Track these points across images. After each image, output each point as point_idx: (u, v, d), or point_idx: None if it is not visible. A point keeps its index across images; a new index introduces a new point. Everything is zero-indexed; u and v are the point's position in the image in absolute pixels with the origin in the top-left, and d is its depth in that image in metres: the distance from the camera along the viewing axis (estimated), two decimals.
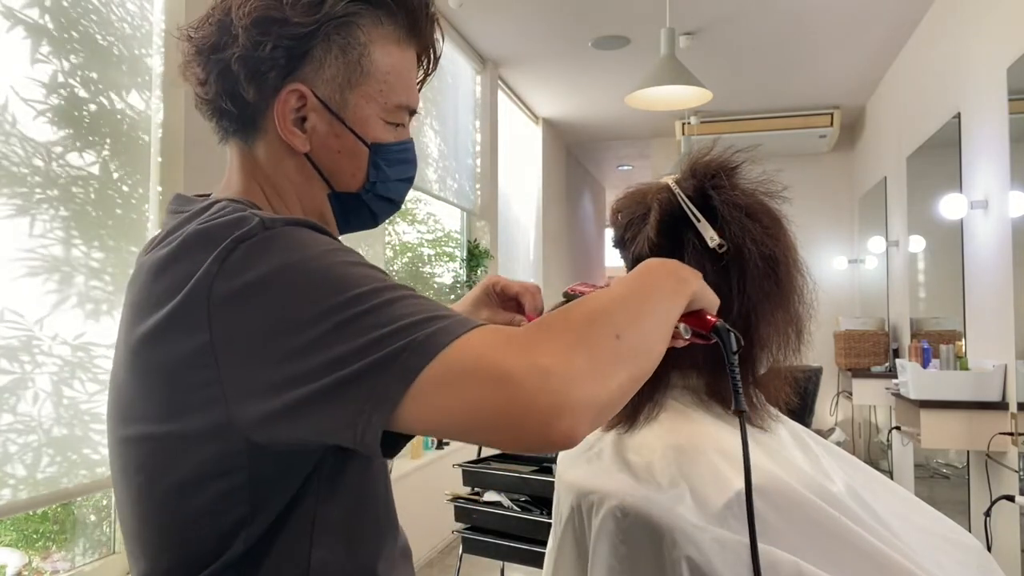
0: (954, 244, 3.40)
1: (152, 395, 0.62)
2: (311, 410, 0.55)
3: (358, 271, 0.59)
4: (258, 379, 0.57)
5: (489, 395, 0.51)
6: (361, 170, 0.74)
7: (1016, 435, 2.73)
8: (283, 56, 0.68)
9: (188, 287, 0.58)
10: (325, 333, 0.55)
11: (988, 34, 3.09)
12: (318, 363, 0.54)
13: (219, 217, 0.62)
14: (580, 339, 0.55)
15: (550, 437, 0.51)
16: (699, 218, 0.85)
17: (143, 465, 0.65)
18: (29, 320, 1.64)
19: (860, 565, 0.75)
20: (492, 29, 4.19)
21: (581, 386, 0.52)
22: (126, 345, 0.64)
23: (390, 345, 0.53)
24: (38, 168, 1.68)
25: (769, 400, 0.90)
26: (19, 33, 1.66)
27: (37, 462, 1.65)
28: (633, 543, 0.75)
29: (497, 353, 0.52)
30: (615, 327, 0.57)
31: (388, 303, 0.56)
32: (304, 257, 0.58)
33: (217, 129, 0.75)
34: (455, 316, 0.56)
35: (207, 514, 0.63)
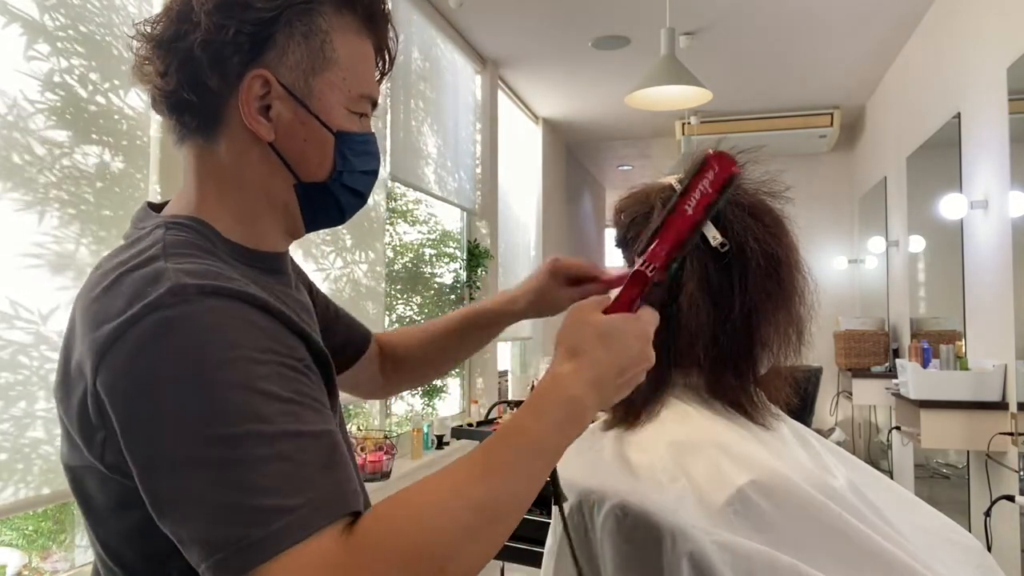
0: (954, 244, 3.40)
1: (64, 429, 0.66)
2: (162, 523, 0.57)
3: (248, 399, 0.55)
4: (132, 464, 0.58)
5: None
6: (327, 159, 0.73)
7: (1016, 435, 2.73)
8: (246, 41, 0.67)
9: (94, 340, 0.59)
10: (185, 461, 0.54)
11: (988, 34, 3.09)
12: (172, 491, 0.55)
13: (139, 266, 0.62)
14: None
15: None
16: None
17: (79, 490, 0.68)
18: (36, 316, 1.64)
19: (863, 561, 0.75)
20: (492, 29, 4.19)
21: None
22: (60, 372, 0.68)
23: (227, 525, 0.52)
24: (43, 166, 1.68)
25: (770, 399, 0.90)
26: (20, 32, 1.66)
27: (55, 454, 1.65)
28: (635, 542, 0.76)
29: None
30: (443, 559, 0.55)
31: (255, 462, 0.53)
32: (203, 360, 0.55)
33: (176, 128, 0.72)
34: (298, 510, 0.53)
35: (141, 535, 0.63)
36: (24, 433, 1.63)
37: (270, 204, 0.73)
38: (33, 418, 1.66)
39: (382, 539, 0.54)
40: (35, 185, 1.67)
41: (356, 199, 0.77)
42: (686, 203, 0.70)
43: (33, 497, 1.65)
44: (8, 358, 1.61)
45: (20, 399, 1.63)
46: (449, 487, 0.58)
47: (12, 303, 1.62)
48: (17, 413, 1.62)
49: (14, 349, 1.62)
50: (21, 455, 1.63)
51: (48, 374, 1.69)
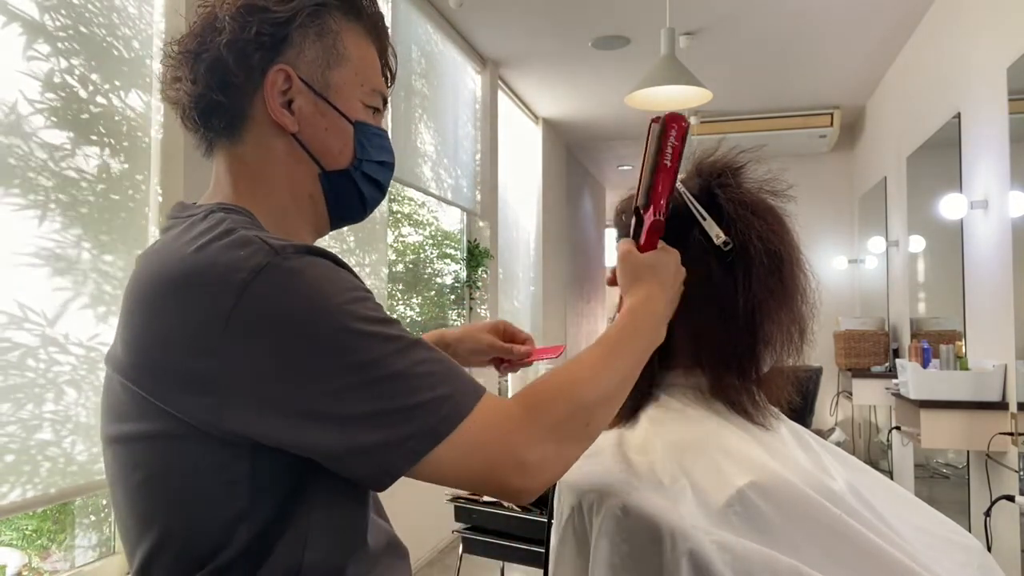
0: (954, 244, 3.40)
1: (145, 404, 0.65)
2: (327, 459, 0.63)
3: (374, 329, 0.63)
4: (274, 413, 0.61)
5: (478, 474, 0.65)
6: (348, 147, 0.78)
7: (1016, 435, 2.73)
8: (267, 39, 0.73)
9: (201, 314, 0.61)
10: (345, 388, 0.61)
11: (988, 34, 3.09)
12: (339, 417, 0.61)
13: (220, 236, 0.65)
14: (555, 434, 0.68)
15: (517, 501, 0.67)
16: (705, 216, 0.85)
17: (141, 462, 0.67)
18: (41, 319, 1.64)
19: (861, 563, 0.75)
20: (492, 29, 4.19)
21: (549, 475, 0.68)
22: (129, 355, 0.66)
23: (400, 425, 0.62)
24: (43, 168, 1.67)
25: (771, 399, 0.90)
26: (20, 32, 1.66)
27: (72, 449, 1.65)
28: (634, 542, 0.75)
29: (511, 438, 0.66)
30: (588, 417, 0.71)
31: (403, 372, 0.63)
32: (325, 304, 0.62)
33: (204, 136, 0.78)
34: (457, 391, 0.65)
35: (206, 506, 0.65)
36: (32, 435, 1.63)
37: (295, 197, 0.78)
38: (41, 420, 1.66)
39: (541, 403, 0.69)
40: (37, 187, 1.67)
41: (376, 191, 0.82)
42: (664, 159, 0.85)
43: (38, 496, 1.65)
44: (16, 360, 1.61)
45: (27, 401, 1.63)
46: (588, 367, 0.74)
47: (21, 306, 1.62)
48: (24, 416, 1.62)
49: (22, 352, 1.62)
50: (28, 456, 1.63)
51: (56, 376, 1.69)
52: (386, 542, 0.77)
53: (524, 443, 0.66)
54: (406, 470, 0.63)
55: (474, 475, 0.65)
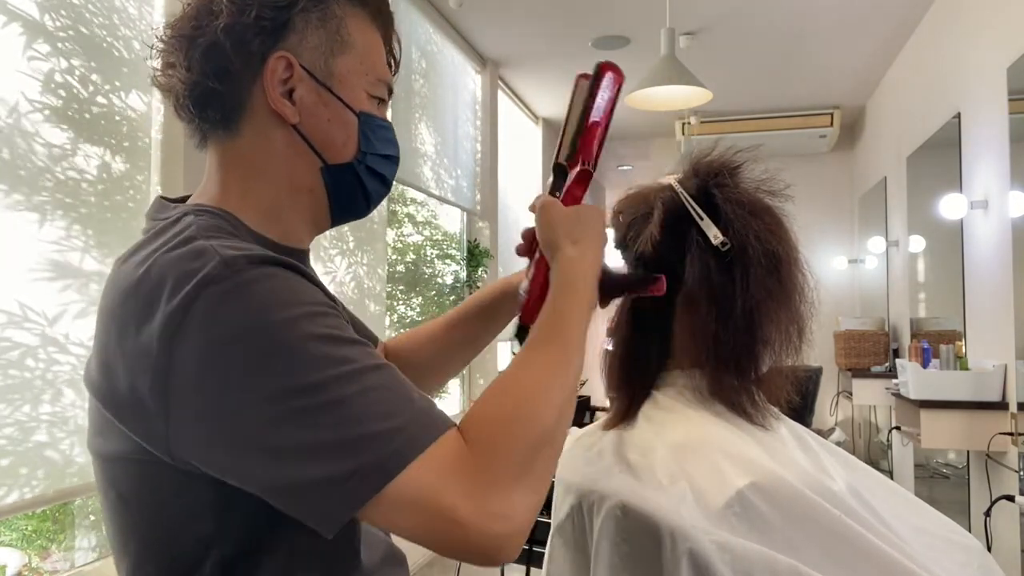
0: (954, 244, 3.40)
1: (106, 418, 0.63)
2: (261, 491, 0.57)
3: (323, 349, 0.57)
4: (209, 446, 0.57)
5: (435, 531, 0.56)
6: (352, 139, 0.74)
7: (1016, 435, 2.73)
8: (268, 24, 0.69)
9: (147, 334, 0.58)
10: (282, 417, 0.55)
11: (988, 34, 3.09)
12: (272, 449, 0.55)
13: (176, 246, 0.62)
14: (523, 472, 0.59)
15: (491, 563, 0.57)
16: (702, 216, 0.85)
17: (115, 479, 0.66)
18: (42, 319, 1.64)
19: (861, 564, 0.75)
20: (492, 29, 4.19)
21: (519, 522, 0.57)
22: (90, 366, 0.65)
23: (342, 460, 0.54)
24: (45, 168, 1.67)
25: (770, 399, 0.90)
26: (20, 32, 1.66)
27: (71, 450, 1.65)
28: (634, 542, 0.75)
29: (447, 488, 0.55)
30: (555, 446, 0.63)
31: (352, 398, 0.56)
32: (268, 323, 0.56)
33: (199, 127, 0.73)
34: (409, 425, 0.57)
35: (177, 528, 0.63)
36: (29, 437, 1.63)
37: (294, 191, 0.73)
38: (38, 421, 1.66)
39: (500, 443, 0.59)
40: (37, 187, 1.67)
41: (380, 186, 0.78)
42: (590, 112, 0.82)
43: (35, 497, 1.65)
44: (17, 359, 1.61)
45: (24, 404, 1.63)
46: (538, 375, 0.65)
47: (21, 305, 1.62)
48: (22, 417, 1.62)
49: (21, 351, 1.62)
50: (26, 459, 1.63)
51: (55, 377, 1.69)
52: (382, 554, 0.75)
53: (490, 487, 0.56)
54: (348, 515, 0.55)
55: (432, 526, 0.55)
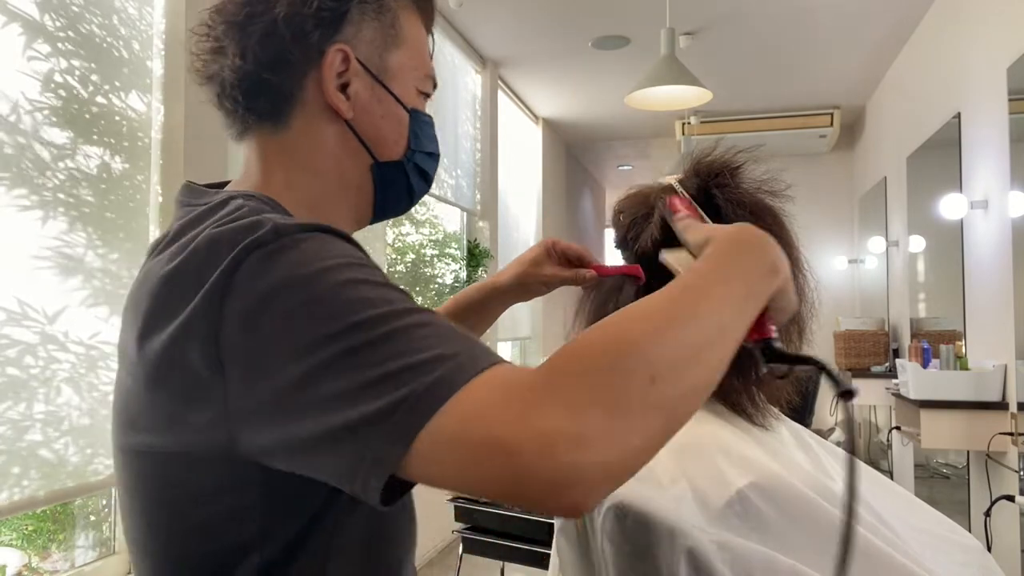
0: (954, 244, 3.40)
1: (157, 407, 0.59)
2: (306, 451, 0.51)
3: (364, 292, 0.53)
4: (257, 407, 0.53)
5: (486, 468, 0.45)
6: (403, 136, 0.72)
7: (1016, 435, 2.73)
8: (328, 13, 0.67)
9: (196, 300, 0.55)
10: (321, 365, 0.50)
11: (988, 34, 3.09)
12: (316, 398, 0.50)
13: (234, 220, 0.58)
14: (598, 389, 0.46)
15: (556, 508, 0.46)
16: (703, 216, 0.85)
17: (149, 476, 0.62)
18: (41, 316, 1.64)
19: (861, 564, 0.75)
20: (492, 29, 4.19)
21: (593, 453, 0.45)
22: (136, 354, 0.60)
23: (387, 393, 0.48)
24: (45, 168, 1.68)
25: (770, 400, 0.90)
26: (20, 32, 1.66)
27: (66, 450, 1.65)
28: (634, 541, 0.75)
29: (496, 415, 0.46)
30: (651, 366, 0.48)
31: (391, 335, 0.50)
32: (309, 273, 0.54)
33: (243, 117, 0.70)
34: (460, 354, 0.49)
35: (215, 530, 0.60)
36: (22, 436, 1.63)
37: (342, 187, 0.72)
38: (32, 420, 1.66)
39: (570, 355, 0.48)
40: (38, 187, 1.67)
41: (423, 183, 0.77)
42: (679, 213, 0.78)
43: (36, 496, 1.65)
44: (16, 356, 1.61)
45: (20, 403, 1.63)
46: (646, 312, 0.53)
47: (20, 303, 1.62)
48: (15, 416, 1.62)
49: (20, 348, 1.62)
50: (19, 458, 1.63)
51: (54, 375, 1.69)
52: (410, 566, 0.73)
53: (549, 405, 0.45)
54: (398, 454, 0.47)
55: (483, 466, 0.45)
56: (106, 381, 1.82)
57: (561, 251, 0.96)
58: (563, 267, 0.96)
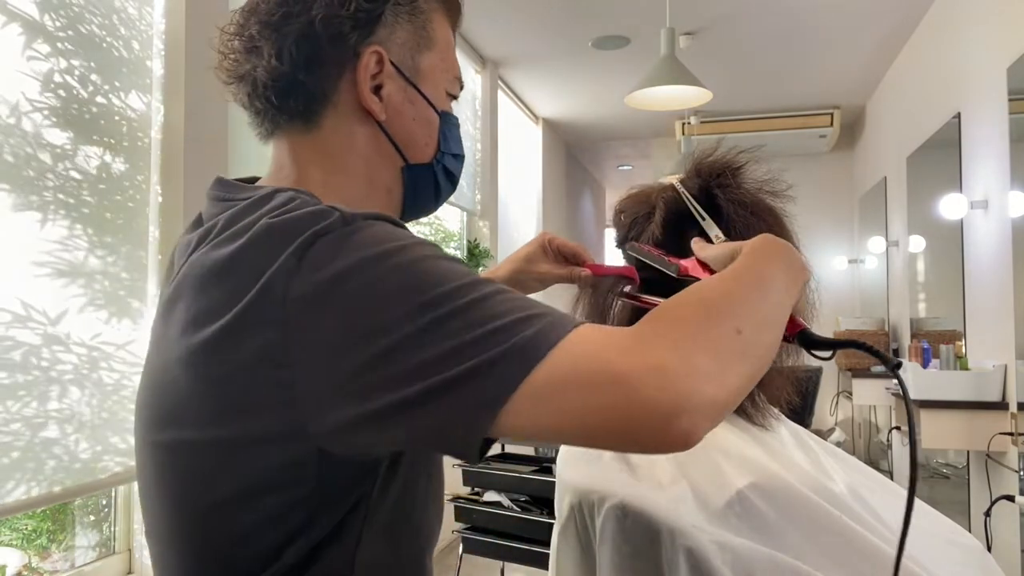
0: (954, 244, 3.40)
1: (211, 399, 0.58)
2: (402, 416, 0.51)
3: (444, 266, 0.55)
4: (339, 384, 0.53)
5: (601, 398, 0.48)
6: (433, 139, 0.73)
7: (1016, 435, 2.73)
8: (364, 14, 0.67)
9: (260, 284, 0.54)
10: (415, 334, 0.51)
11: (988, 34, 3.09)
12: (410, 366, 0.51)
13: (293, 210, 0.58)
14: (699, 333, 0.51)
15: (667, 439, 0.48)
16: (704, 216, 0.85)
17: (188, 473, 0.60)
18: (43, 318, 1.64)
19: (861, 564, 0.75)
20: (492, 29, 4.19)
21: (701, 385, 0.48)
22: (180, 347, 0.59)
23: (489, 349, 0.50)
24: (45, 168, 1.68)
25: (770, 400, 0.90)
26: (20, 32, 1.66)
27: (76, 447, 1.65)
28: (634, 541, 0.76)
29: (607, 352, 0.49)
30: (736, 319, 0.53)
31: (480, 301, 0.52)
32: (385, 251, 0.55)
33: (275, 116, 0.69)
34: (551, 313, 0.53)
35: (260, 527, 0.59)
36: (37, 433, 1.64)
37: (372, 189, 0.72)
38: (47, 417, 1.66)
39: (664, 310, 0.54)
40: (38, 188, 1.67)
41: (450, 185, 0.77)
42: None
43: (42, 495, 1.65)
44: (20, 359, 1.61)
45: (32, 400, 1.64)
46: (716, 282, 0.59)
47: (24, 305, 1.63)
48: (29, 413, 1.63)
49: (25, 350, 1.62)
50: (32, 454, 1.63)
51: (61, 375, 1.70)
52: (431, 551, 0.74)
53: (657, 345, 0.49)
54: (502, 401, 0.49)
55: (600, 399, 0.48)
56: (108, 382, 1.82)
57: (557, 248, 0.95)
58: (559, 264, 0.96)
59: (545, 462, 2.73)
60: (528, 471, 2.62)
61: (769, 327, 0.57)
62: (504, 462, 2.81)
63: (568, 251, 0.95)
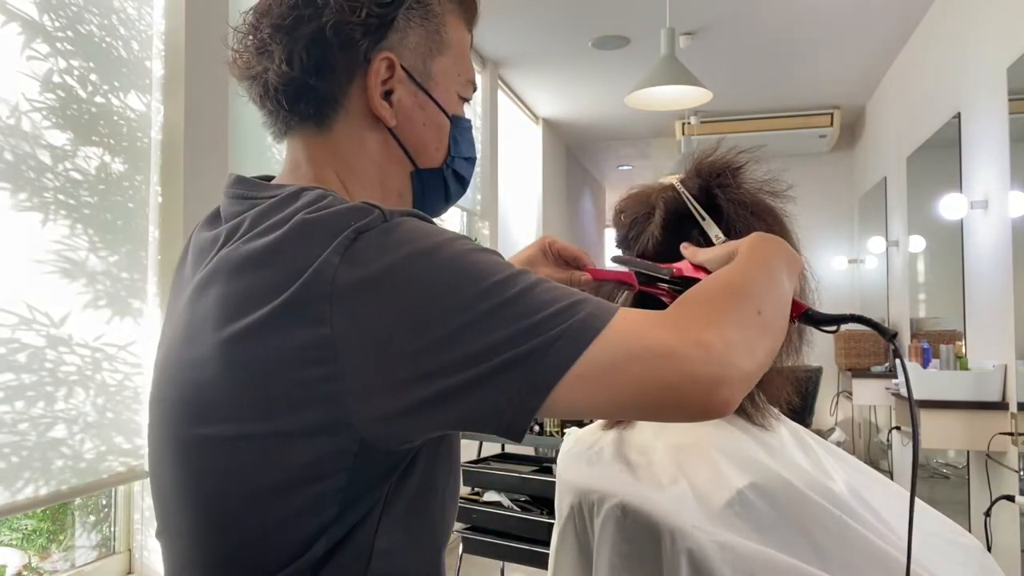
0: (954, 244, 3.40)
1: (249, 393, 0.58)
2: (456, 400, 0.54)
3: (488, 258, 0.58)
4: (392, 374, 0.55)
5: (655, 371, 0.53)
6: (443, 144, 0.73)
7: (1016, 435, 2.73)
8: (375, 22, 0.67)
9: (303, 279, 0.55)
10: (470, 323, 0.54)
11: (988, 34, 3.09)
12: (465, 353, 0.54)
13: (329, 207, 0.59)
14: (729, 314, 0.58)
15: (710, 406, 0.54)
16: (704, 216, 0.85)
17: (224, 468, 0.60)
18: (47, 320, 1.64)
19: (862, 564, 0.75)
20: (492, 29, 4.19)
21: (737, 358, 0.55)
22: (215, 340, 0.59)
23: (543, 333, 0.54)
24: (45, 169, 1.67)
25: (770, 400, 0.90)
26: (19, 31, 1.66)
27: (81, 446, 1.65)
28: (634, 542, 0.76)
29: (656, 331, 0.55)
30: (756, 302, 0.61)
31: (528, 290, 0.56)
32: (431, 245, 0.57)
33: (288, 117, 0.70)
34: (593, 299, 0.57)
35: (292, 520, 0.59)
36: (44, 433, 1.64)
37: (384, 193, 0.72)
38: (55, 418, 1.67)
39: (694, 296, 0.61)
40: (38, 188, 1.67)
41: (460, 187, 0.77)
42: None
43: (51, 493, 1.65)
44: (26, 360, 1.61)
45: (39, 400, 1.64)
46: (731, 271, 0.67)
47: (29, 307, 1.63)
48: (36, 413, 1.63)
49: (31, 352, 1.63)
50: (39, 454, 1.64)
51: (68, 376, 1.70)
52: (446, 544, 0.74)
53: (697, 324, 0.56)
54: (556, 382, 0.53)
55: (654, 372, 0.53)
56: (111, 382, 1.82)
57: (557, 252, 0.95)
58: (559, 268, 0.96)
59: (545, 462, 2.73)
60: (528, 471, 2.62)
61: (782, 308, 0.65)
62: (504, 462, 2.81)
63: (569, 255, 0.95)
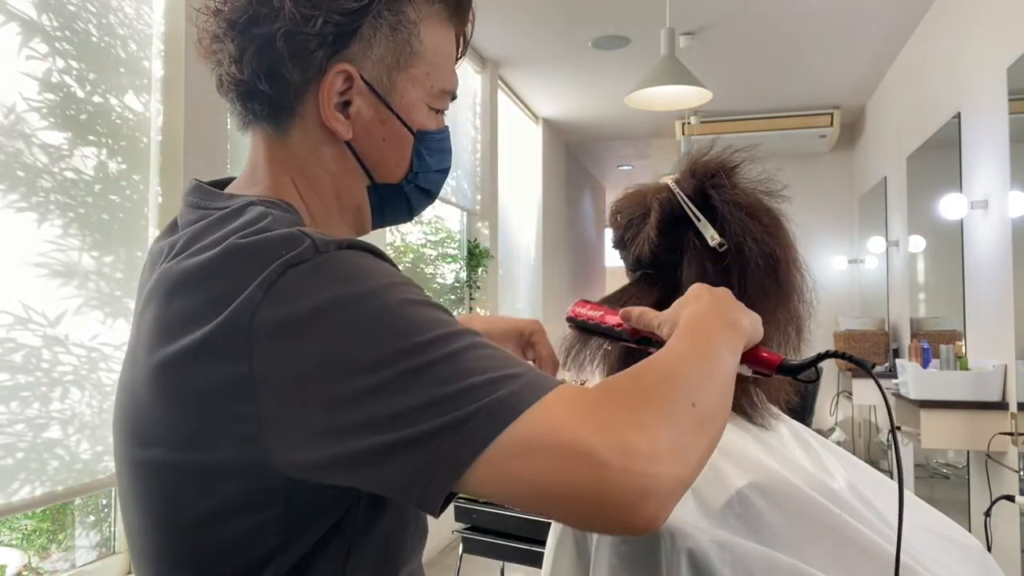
0: (954, 244, 3.40)
1: (177, 421, 0.56)
2: (366, 465, 0.50)
3: (421, 312, 0.53)
4: (305, 423, 0.51)
5: (567, 472, 0.47)
6: (405, 159, 0.69)
7: (1016, 435, 2.73)
8: (332, 32, 0.62)
9: (228, 311, 0.52)
10: (387, 382, 0.50)
11: (988, 34, 3.09)
12: (379, 415, 0.50)
13: (262, 231, 0.56)
14: (660, 411, 0.51)
15: (631, 522, 0.48)
16: (699, 217, 0.85)
17: (162, 493, 0.59)
18: (43, 320, 1.64)
19: (862, 562, 0.75)
20: (492, 29, 4.19)
21: (667, 466, 0.48)
22: (147, 363, 0.58)
23: (460, 407, 0.49)
24: (42, 169, 1.68)
25: (770, 399, 0.90)
26: (17, 31, 1.66)
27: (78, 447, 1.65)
28: (633, 542, 0.75)
29: (577, 425, 0.48)
30: (690, 394, 0.54)
31: (456, 354, 0.51)
32: (363, 291, 0.53)
33: (243, 113, 0.67)
34: (527, 373, 0.52)
35: (233, 547, 0.58)
36: (40, 434, 1.64)
37: (340, 206, 0.70)
38: (49, 418, 1.67)
39: (624, 383, 0.54)
40: (36, 188, 1.67)
41: (426, 199, 0.74)
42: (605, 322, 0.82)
43: (47, 494, 1.65)
44: (21, 361, 1.61)
45: (34, 400, 1.64)
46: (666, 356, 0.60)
47: (25, 307, 1.63)
48: (32, 414, 1.63)
49: (26, 352, 1.63)
50: (35, 454, 1.64)
51: (63, 376, 1.70)
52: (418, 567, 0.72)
53: (624, 421, 0.49)
54: (469, 462, 0.48)
55: (565, 472, 0.47)
56: (107, 383, 1.82)
57: (532, 344, 0.89)
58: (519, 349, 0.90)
59: None
60: None
61: (720, 395, 0.58)
62: None
63: (540, 354, 0.88)
